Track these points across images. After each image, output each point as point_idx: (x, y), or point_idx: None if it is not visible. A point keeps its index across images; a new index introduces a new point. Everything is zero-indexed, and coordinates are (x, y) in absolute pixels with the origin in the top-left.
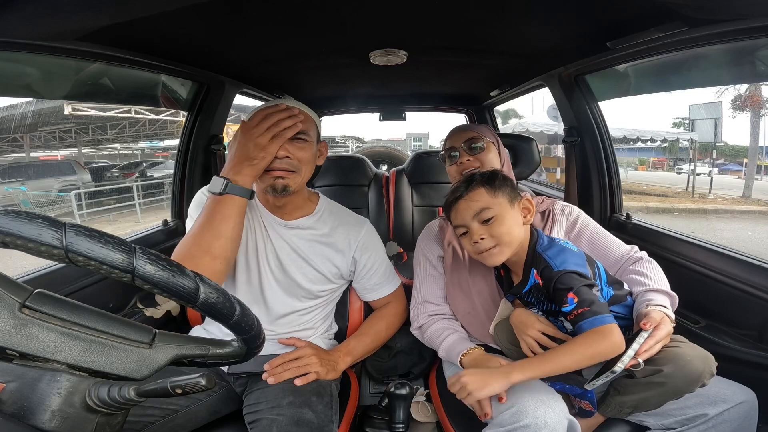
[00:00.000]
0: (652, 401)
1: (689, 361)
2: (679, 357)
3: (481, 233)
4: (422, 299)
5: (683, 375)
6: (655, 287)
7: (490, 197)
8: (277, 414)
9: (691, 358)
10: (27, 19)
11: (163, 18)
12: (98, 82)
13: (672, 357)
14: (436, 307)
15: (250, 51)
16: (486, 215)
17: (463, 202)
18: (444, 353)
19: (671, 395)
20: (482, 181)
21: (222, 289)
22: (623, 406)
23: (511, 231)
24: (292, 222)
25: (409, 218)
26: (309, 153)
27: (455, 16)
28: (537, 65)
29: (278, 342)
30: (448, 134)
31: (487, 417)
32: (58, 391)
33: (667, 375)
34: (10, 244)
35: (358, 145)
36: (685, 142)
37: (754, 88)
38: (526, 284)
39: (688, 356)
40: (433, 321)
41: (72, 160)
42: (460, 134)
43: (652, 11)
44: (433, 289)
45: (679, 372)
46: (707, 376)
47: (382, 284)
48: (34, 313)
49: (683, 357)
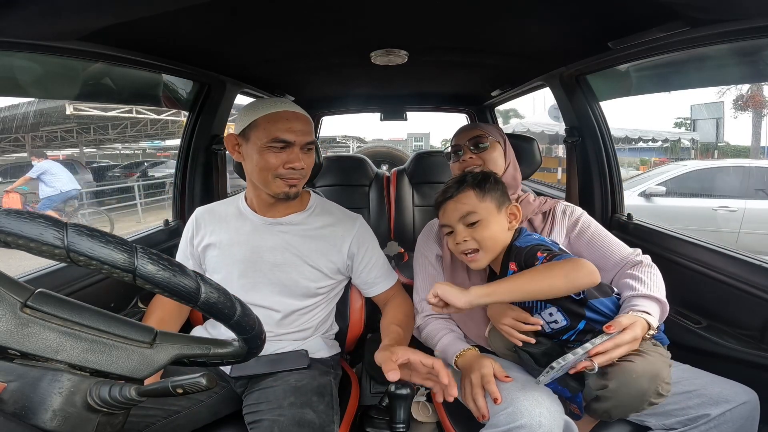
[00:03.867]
0: (620, 410)
1: (635, 379)
2: (626, 372)
3: (464, 235)
4: (420, 298)
5: (627, 392)
6: (645, 292)
7: (477, 201)
8: (278, 414)
9: (639, 375)
10: (29, 19)
11: (164, 18)
12: (100, 82)
13: (619, 372)
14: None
15: (251, 51)
16: (471, 219)
17: (451, 203)
18: (440, 353)
19: (621, 411)
20: (473, 183)
21: (223, 289)
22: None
23: (494, 236)
24: (283, 219)
25: (410, 218)
26: (314, 157)
27: (456, 15)
28: (538, 65)
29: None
30: (455, 132)
31: (484, 419)
32: (60, 391)
33: (612, 390)
34: (11, 244)
35: (359, 145)
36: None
37: (755, 88)
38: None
39: (636, 372)
40: (430, 321)
41: (73, 159)
42: (466, 132)
43: (654, 11)
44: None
45: (623, 389)
46: (653, 395)
47: (382, 277)
48: (36, 313)
49: (630, 373)
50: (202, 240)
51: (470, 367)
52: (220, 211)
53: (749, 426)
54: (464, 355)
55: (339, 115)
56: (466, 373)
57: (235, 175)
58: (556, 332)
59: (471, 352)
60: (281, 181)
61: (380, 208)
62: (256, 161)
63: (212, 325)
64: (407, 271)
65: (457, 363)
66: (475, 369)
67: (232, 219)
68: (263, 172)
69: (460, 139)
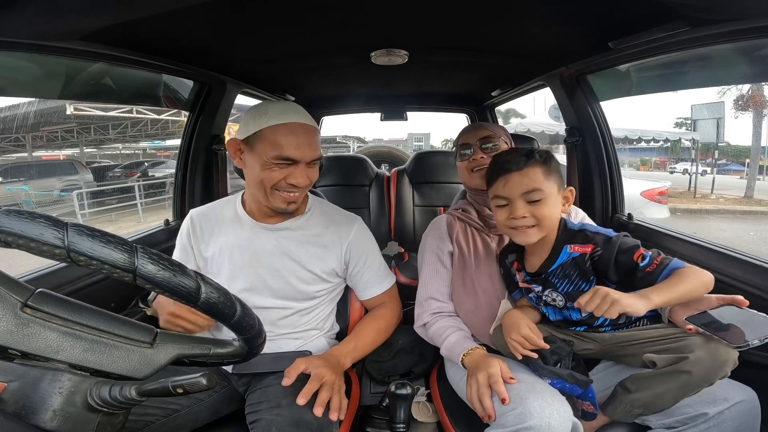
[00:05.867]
0: (667, 397)
1: (716, 348)
2: (705, 343)
3: (524, 212)
4: (427, 296)
5: (711, 361)
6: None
7: (544, 178)
8: (276, 414)
9: (716, 345)
10: (29, 19)
11: (165, 18)
12: (100, 81)
13: (698, 343)
14: (440, 304)
15: (251, 51)
16: (535, 196)
17: (517, 176)
18: (446, 351)
19: (693, 387)
20: (541, 159)
21: (223, 289)
22: (633, 405)
23: (552, 216)
24: (281, 224)
25: (411, 218)
26: (317, 170)
27: (456, 15)
28: (538, 65)
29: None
30: (463, 131)
31: (491, 419)
32: (60, 391)
33: (693, 362)
34: (12, 244)
35: (360, 145)
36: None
37: (756, 88)
38: (554, 262)
39: (713, 343)
40: (437, 318)
41: (74, 159)
42: (474, 131)
43: (654, 11)
44: (438, 286)
45: (707, 358)
46: (730, 365)
47: (374, 282)
48: (36, 313)
49: (709, 343)
50: (201, 248)
51: (477, 366)
52: (216, 214)
53: (749, 425)
54: (471, 354)
55: (339, 115)
56: (472, 372)
57: (236, 175)
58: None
59: (478, 351)
60: (280, 197)
61: (380, 208)
62: (258, 174)
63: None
64: (408, 271)
65: (463, 361)
66: (482, 368)
67: (230, 224)
68: (263, 185)
69: (469, 138)
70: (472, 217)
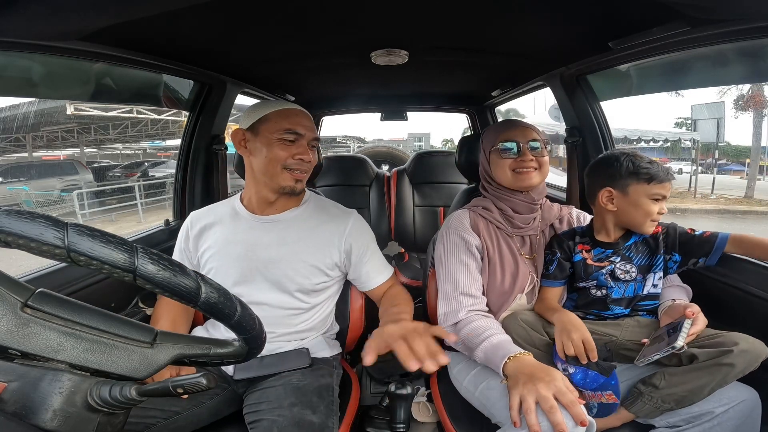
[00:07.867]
0: (705, 390)
1: (754, 342)
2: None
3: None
4: (457, 291)
5: (752, 354)
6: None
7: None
8: (277, 415)
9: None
10: (29, 19)
11: (165, 18)
12: (100, 82)
13: (739, 337)
14: (473, 300)
15: (251, 51)
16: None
17: (669, 186)
18: (483, 354)
19: (730, 379)
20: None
21: (223, 289)
22: (664, 401)
23: None
24: (277, 216)
25: (411, 218)
26: (317, 155)
27: (457, 15)
28: (539, 65)
29: None
30: (503, 125)
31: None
32: (60, 391)
33: (737, 355)
34: (12, 244)
35: (360, 145)
36: (687, 143)
37: (756, 88)
38: (629, 239)
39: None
40: (475, 317)
41: (74, 159)
42: (523, 130)
43: (654, 11)
44: (469, 280)
45: (750, 350)
46: (762, 359)
47: (379, 269)
48: (36, 313)
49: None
50: (199, 244)
51: (532, 375)
52: (213, 212)
53: (750, 423)
54: (520, 359)
55: (339, 115)
56: (524, 380)
57: (236, 175)
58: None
59: (528, 358)
60: (289, 175)
61: (381, 208)
62: (266, 153)
63: (212, 325)
64: (408, 271)
65: (506, 367)
66: (541, 378)
67: (227, 219)
68: (273, 163)
69: (518, 136)
70: (494, 215)
